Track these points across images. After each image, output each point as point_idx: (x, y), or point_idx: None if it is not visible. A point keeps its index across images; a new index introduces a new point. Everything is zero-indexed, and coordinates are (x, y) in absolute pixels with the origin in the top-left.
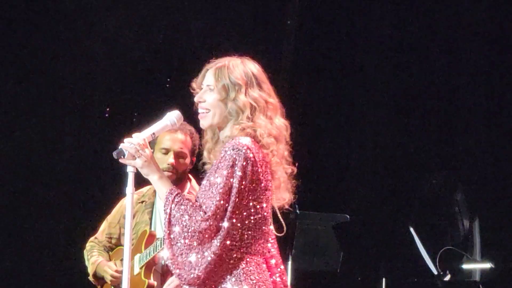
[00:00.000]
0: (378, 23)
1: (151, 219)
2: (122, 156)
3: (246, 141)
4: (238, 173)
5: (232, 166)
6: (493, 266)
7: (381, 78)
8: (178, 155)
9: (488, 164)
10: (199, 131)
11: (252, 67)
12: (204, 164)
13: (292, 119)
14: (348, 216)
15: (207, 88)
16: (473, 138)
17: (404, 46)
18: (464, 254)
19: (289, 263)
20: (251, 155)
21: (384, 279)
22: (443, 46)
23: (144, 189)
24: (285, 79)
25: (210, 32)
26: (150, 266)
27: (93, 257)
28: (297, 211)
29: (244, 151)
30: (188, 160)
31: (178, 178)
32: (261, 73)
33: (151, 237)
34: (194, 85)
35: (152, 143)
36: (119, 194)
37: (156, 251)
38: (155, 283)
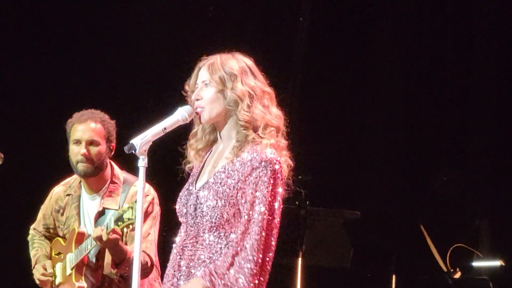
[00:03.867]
0: (389, 18)
1: (78, 214)
2: (133, 151)
3: (275, 155)
4: (280, 192)
5: (274, 185)
6: (503, 263)
7: (393, 74)
8: (90, 144)
9: (499, 161)
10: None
11: (244, 59)
12: (186, 163)
13: (304, 115)
14: (358, 213)
15: (202, 85)
16: (485, 135)
17: (417, 42)
18: (474, 251)
19: (299, 259)
20: (282, 173)
21: (394, 276)
22: (456, 42)
23: (71, 180)
24: (297, 75)
25: (220, 29)
26: (80, 267)
27: (33, 250)
28: (308, 207)
29: (279, 169)
30: (103, 148)
31: (96, 168)
32: (254, 64)
33: (80, 236)
34: (186, 87)
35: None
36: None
37: (86, 251)
38: (85, 285)
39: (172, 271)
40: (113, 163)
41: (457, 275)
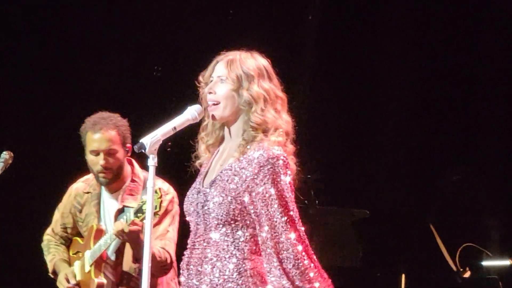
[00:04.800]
0: (400, 16)
1: (98, 211)
2: (143, 150)
3: (282, 151)
4: (290, 186)
5: (281, 181)
6: None
7: (403, 72)
8: (109, 154)
9: (509, 159)
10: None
11: (262, 60)
12: (196, 157)
13: (313, 114)
14: (368, 212)
15: (218, 80)
16: (494, 132)
17: (428, 40)
18: (483, 250)
19: None
20: (289, 168)
21: (403, 275)
22: (465, 39)
23: (90, 177)
24: (306, 74)
25: (230, 26)
26: (99, 263)
27: (50, 255)
28: (317, 206)
29: (286, 163)
30: (120, 153)
31: (116, 174)
32: (270, 67)
33: (99, 232)
34: (201, 78)
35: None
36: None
37: (105, 246)
38: (104, 281)
39: (183, 270)
40: (133, 161)
41: (467, 274)
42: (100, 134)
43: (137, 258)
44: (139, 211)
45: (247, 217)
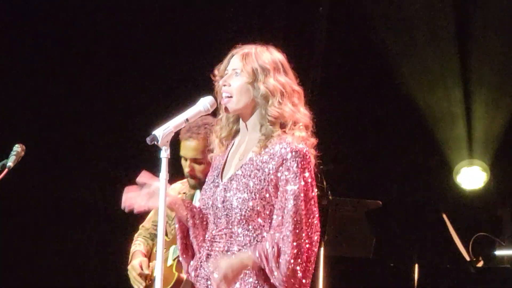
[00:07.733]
0: (409, 5)
1: None
2: (156, 142)
3: (304, 145)
4: (311, 181)
5: (305, 175)
6: None
7: (414, 64)
8: (195, 162)
9: None
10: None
11: (277, 54)
12: (210, 151)
13: (325, 105)
14: (380, 202)
15: (233, 72)
16: (504, 126)
17: (437, 31)
18: (496, 240)
19: (322, 249)
20: (312, 163)
21: (417, 266)
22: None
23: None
24: (318, 65)
25: (241, 18)
26: None
27: (134, 246)
28: (330, 197)
29: (309, 159)
30: (207, 160)
31: (202, 182)
32: (286, 61)
33: None
34: (216, 71)
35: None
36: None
37: None
38: (184, 277)
39: (199, 262)
40: None
41: (480, 264)
42: (188, 142)
43: None
44: None
45: (270, 211)
